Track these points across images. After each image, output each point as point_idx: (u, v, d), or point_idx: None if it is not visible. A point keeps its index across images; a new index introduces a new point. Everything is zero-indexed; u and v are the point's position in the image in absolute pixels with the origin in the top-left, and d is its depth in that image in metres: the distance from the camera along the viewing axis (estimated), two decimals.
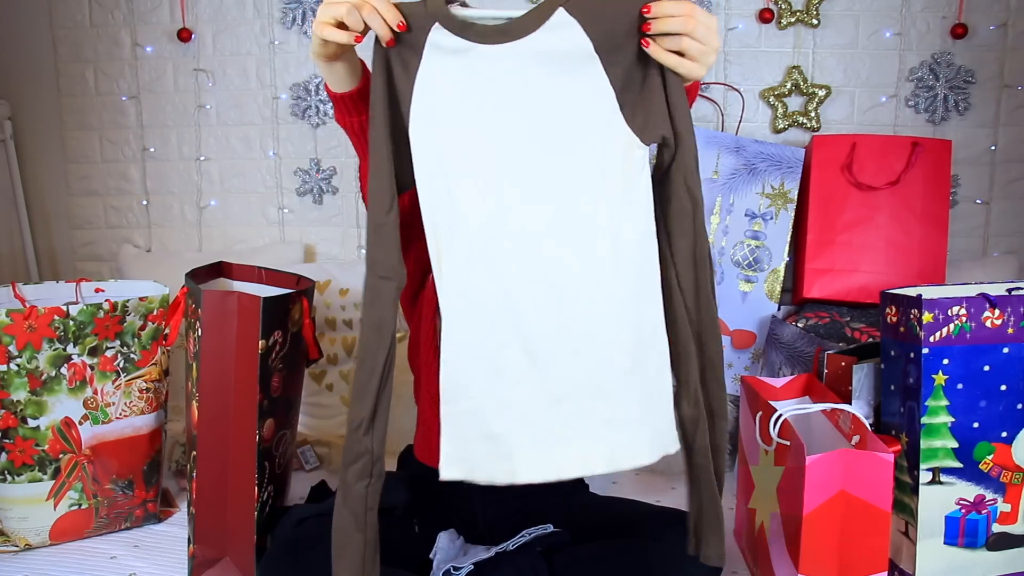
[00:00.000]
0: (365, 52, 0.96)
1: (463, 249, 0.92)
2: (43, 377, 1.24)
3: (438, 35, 0.91)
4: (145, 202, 2.02)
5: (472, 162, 0.92)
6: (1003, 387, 1.07)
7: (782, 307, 1.70)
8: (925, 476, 1.08)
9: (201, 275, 1.30)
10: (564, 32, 0.90)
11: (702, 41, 0.86)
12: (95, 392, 1.29)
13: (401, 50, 0.92)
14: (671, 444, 0.93)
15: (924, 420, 1.06)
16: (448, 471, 0.92)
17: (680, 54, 0.87)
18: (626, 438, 0.92)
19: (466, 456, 0.93)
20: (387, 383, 0.93)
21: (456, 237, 0.92)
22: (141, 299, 1.32)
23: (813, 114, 1.81)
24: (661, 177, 0.96)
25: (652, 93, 0.92)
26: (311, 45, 0.95)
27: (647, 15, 0.86)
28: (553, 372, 0.91)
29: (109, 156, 2.02)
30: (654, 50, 0.87)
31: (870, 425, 1.06)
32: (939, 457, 1.08)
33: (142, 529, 1.37)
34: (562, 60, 0.91)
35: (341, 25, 0.89)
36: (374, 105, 0.92)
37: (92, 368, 1.28)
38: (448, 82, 0.92)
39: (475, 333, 0.92)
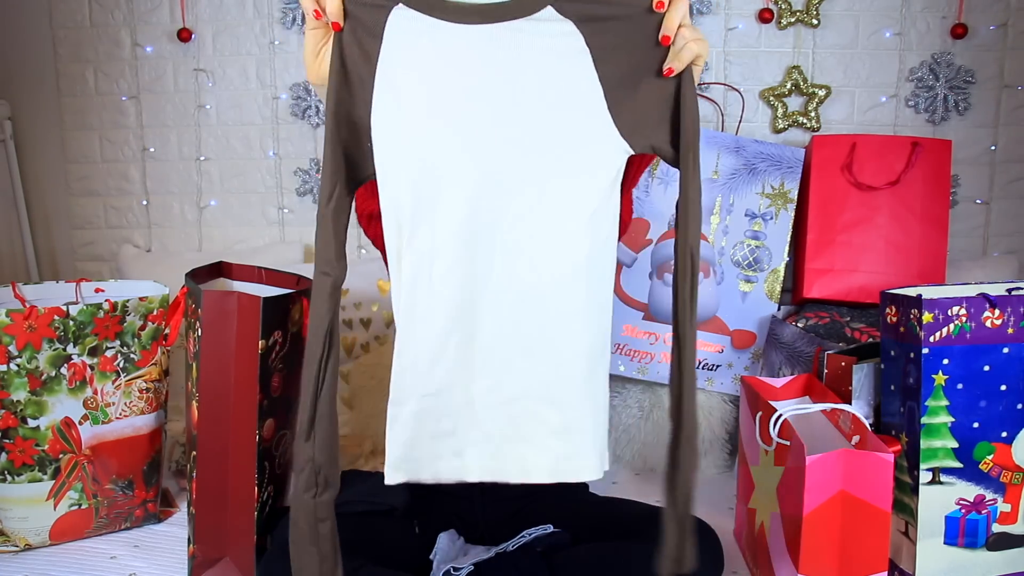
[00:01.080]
0: None
1: (426, 243, 0.88)
2: (43, 377, 1.24)
3: (400, 15, 0.85)
4: (145, 202, 2.02)
5: (440, 150, 0.87)
6: (1003, 387, 1.07)
7: (782, 307, 1.70)
8: (925, 476, 1.08)
9: (201, 275, 1.30)
10: (552, 24, 0.86)
11: (704, 60, 0.87)
12: (95, 392, 1.29)
13: (360, 35, 0.86)
14: (607, 461, 0.91)
15: (924, 420, 1.06)
16: (393, 476, 0.90)
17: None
18: (572, 450, 0.90)
19: (412, 458, 0.90)
20: (327, 387, 0.86)
21: (419, 231, 0.88)
22: (141, 299, 1.32)
23: (813, 114, 1.81)
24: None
25: (650, 100, 0.88)
26: (306, 71, 0.92)
27: (667, 46, 0.85)
28: (507, 373, 0.89)
29: (109, 156, 2.02)
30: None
31: (870, 425, 1.06)
32: (939, 457, 1.08)
33: (142, 529, 1.37)
34: (545, 48, 0.86)
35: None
36: (329, 95, 0.86)
37: (92, 368, 1.28)
38: (413, 67, 0.86)
39: (432, 331, 0.88)
